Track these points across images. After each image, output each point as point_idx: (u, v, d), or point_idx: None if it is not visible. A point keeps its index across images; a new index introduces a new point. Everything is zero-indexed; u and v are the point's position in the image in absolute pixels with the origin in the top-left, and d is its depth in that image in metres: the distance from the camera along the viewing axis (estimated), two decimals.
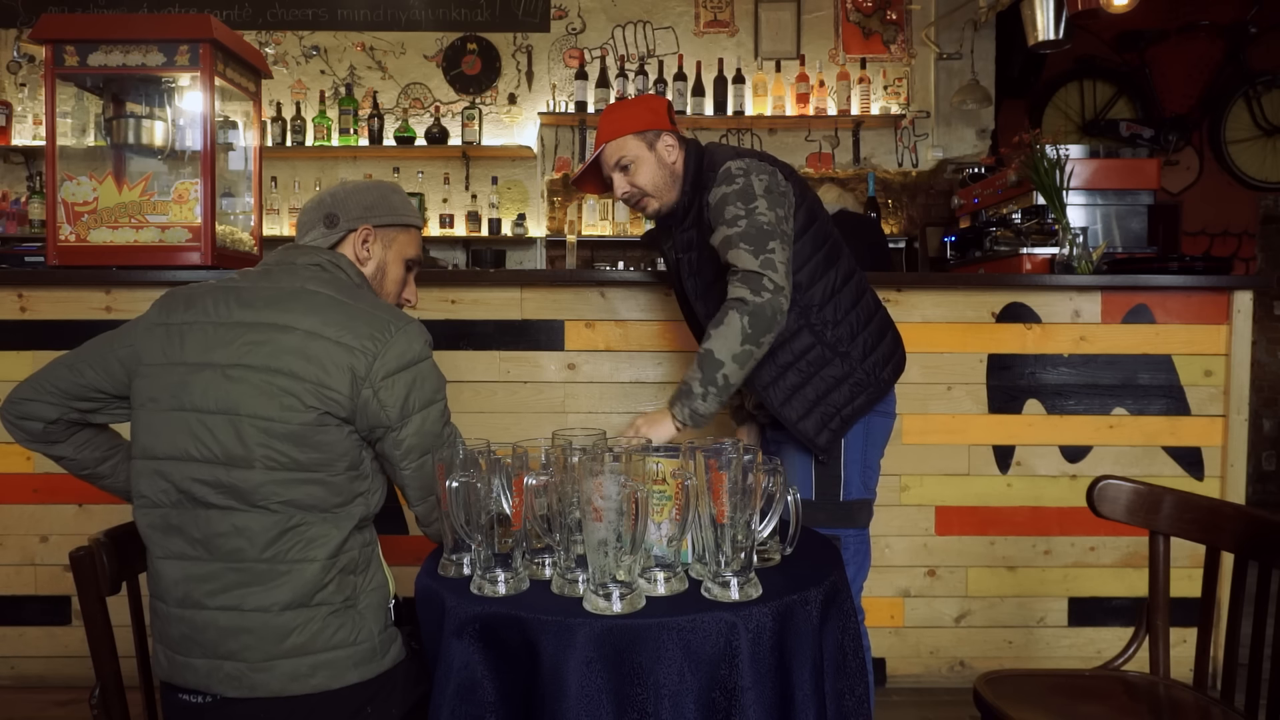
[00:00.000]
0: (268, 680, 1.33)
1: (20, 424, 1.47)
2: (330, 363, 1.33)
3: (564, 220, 5.15)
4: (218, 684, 1.34)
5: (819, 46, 5.18)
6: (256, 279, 1.45)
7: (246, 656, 1.32)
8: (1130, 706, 1.68)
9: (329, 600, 1.35)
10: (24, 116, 5.18)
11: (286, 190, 5.17)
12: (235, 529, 1.32)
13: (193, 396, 1.34)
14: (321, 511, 1.35)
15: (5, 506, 2.66)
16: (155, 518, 1.37)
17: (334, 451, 1.35)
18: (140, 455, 1.39)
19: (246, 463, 1.32)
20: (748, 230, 1.72)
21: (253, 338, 1.35)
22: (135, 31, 2.70)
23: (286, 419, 1.32)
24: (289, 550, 1.33)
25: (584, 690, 1.11)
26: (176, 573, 1.35)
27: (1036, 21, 3.88)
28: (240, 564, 1.33)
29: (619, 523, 1.16)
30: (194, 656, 1.35)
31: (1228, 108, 5.44)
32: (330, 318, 1.36)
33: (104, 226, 2.72)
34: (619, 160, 1.89)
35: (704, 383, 1.69)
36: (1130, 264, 3.06)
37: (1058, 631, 2.72)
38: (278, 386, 1.32)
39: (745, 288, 1.69)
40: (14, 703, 2.59)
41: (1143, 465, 2.68)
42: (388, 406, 1.36)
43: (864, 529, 1.92)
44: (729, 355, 1.68)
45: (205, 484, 1.33)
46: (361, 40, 5.20)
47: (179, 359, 1.37)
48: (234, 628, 1.32)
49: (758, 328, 1.68)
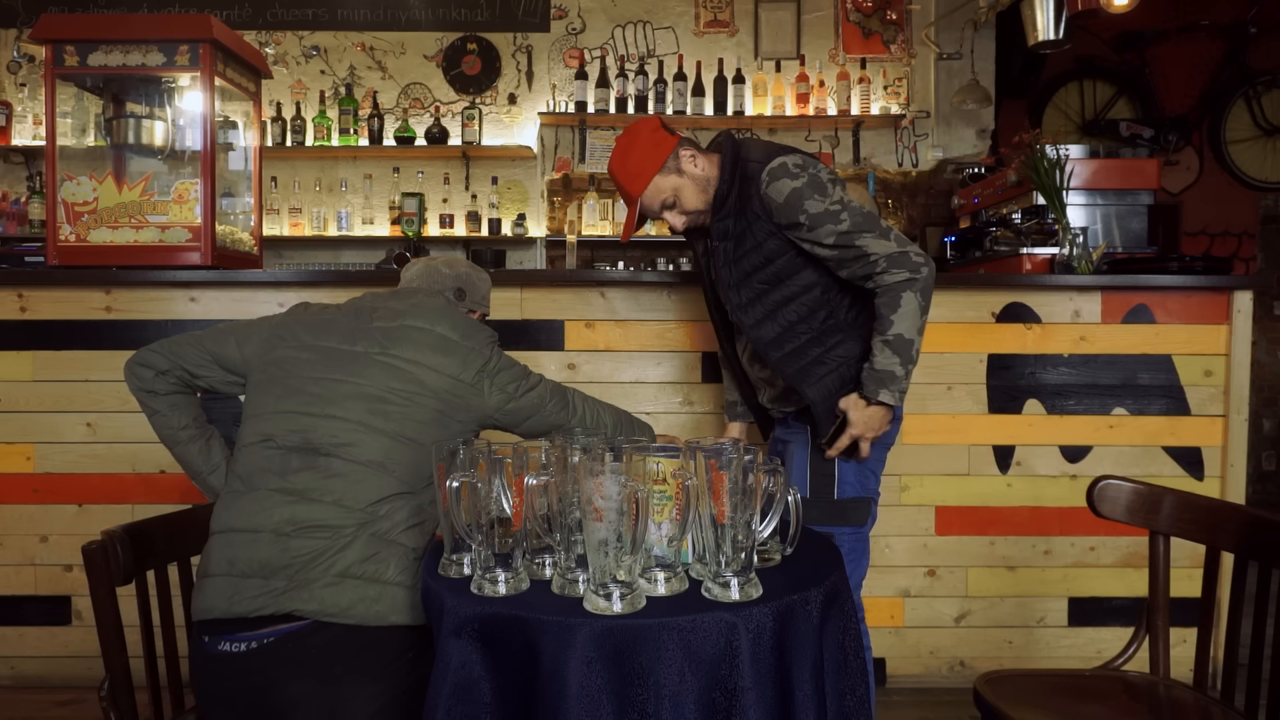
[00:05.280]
0: (337, 596, 1.40)
1: (135, 369, 1.66)
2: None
3: (564, 220, 5.15)
4: (288, 601, 1.40)
5: (819, 46, 5.18)
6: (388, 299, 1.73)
7: (326, 570, 1.42)
8: (1130, 706, 1.68)
9: (403, 542, 1.49)
10: (24, 116, 5.18)
11: (286, 190, 5.17)
12: (354, 480, 1.49)
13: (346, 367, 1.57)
14: (427, 478, 1.55)
15: (5, 506, 2.66)
16: (274, 457, 1.52)
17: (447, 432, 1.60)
18: (277, 398, 1.57)
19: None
20: (856, 220, 1.79)
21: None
22: (135, 31, 2.70)
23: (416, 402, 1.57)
24: (388, 505, 1.50)
25: (584, 690, 1.11)
26: (281, 507, 1.47)
27: (1036, 21, 3.88)
28: (348, 509, 1.47)
29: (619, 523, 1.16)
30: (274, 579, 1.42)
31: (1228, 108, 5.44)
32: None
33: (104, 226, 2.72)
34: (663, 203, 1.91)
35: (904, 363, 1.79)
36: (1130, 264, 3.06)
37: (1058, 631, 2.72)
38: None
39: (904, 269, 1.78)
40: (14, 703, 2.59)
41: (1143, 465, 2.68)
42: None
43: (859, 528, 1.91)
44: (915, 331, 1.79)
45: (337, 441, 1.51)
46: (361, 40, 5.20)
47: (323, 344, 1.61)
48: (326, 552, 1.43)
49: (928, 297, 1.80)
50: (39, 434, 2.64)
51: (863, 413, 1.82)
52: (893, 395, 1.79)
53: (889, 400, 1.79)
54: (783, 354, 1.87)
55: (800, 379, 1.87)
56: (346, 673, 1.40)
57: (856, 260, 1.80)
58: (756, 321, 1.89)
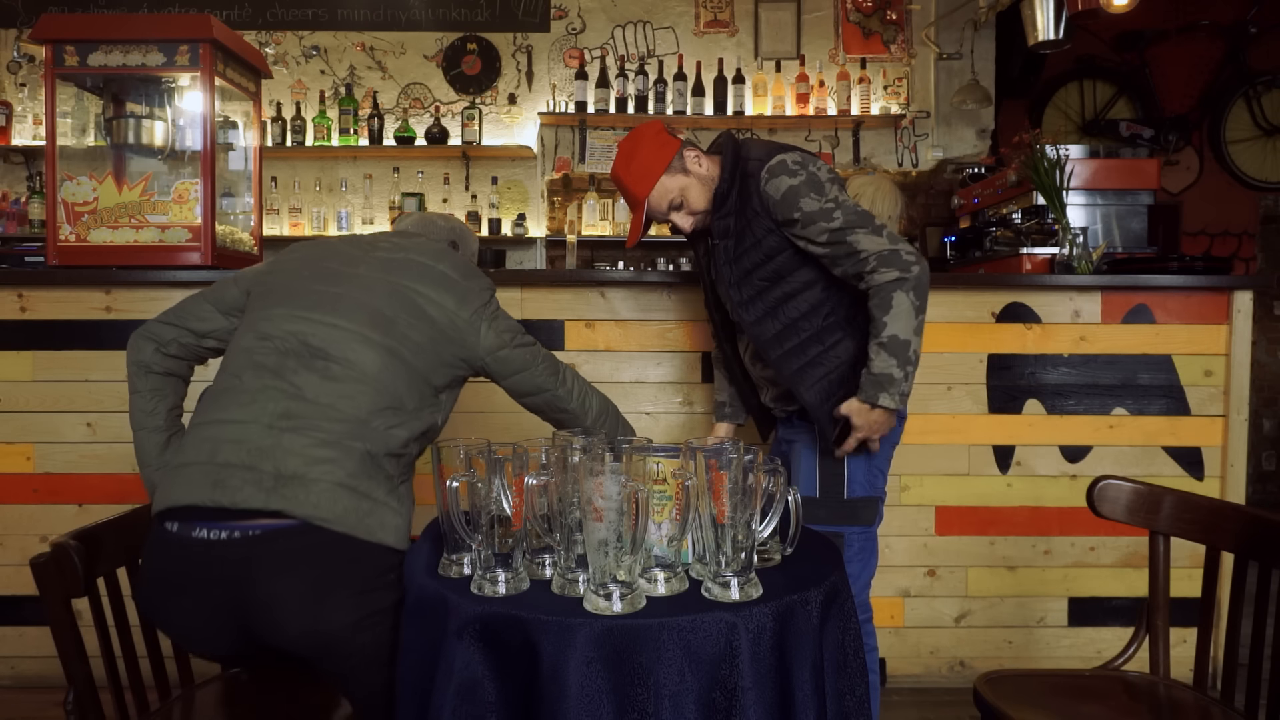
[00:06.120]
0: (332, 503, 1.39)
1: (139, 342, 1.65)
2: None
3: (564, 220, 5.15)
4: (278, 498, 1.38)
5: (819, 46, 5.18)
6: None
7: (321, 476, 1.40)
8: (1130, 706, 1.68)
9: (388, 470, 1.49)
10: (24, 116, 5.18)
11: (286, 190, 5.17)
12: (354, 388, 1.49)
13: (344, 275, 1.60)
14: (414, 403, 1.55)
15: (5, 506, 2.66)
16: (271, 355, 1.51)
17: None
18: (275, 303, 1.57)
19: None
20: (849, 218, 1.78)
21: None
22: (135, 31, 2.70)
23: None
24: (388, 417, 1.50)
25: (584, 690, 1.11)
26: (276, 400, 1.45)
27: (1036, 21, 3.88)
28: (343, 417, 1.46)
29: (619, 523, 1.16)
30: (263, 471, 1.39)
31: (1228, 108, 5.44)
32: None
33: (104, 226, 2.72)
34: (670, 203, 1.91)
35: (901, 364, 1.76)
36: (1130, 264, 3.06)
37: (1058, 631, 2.72)
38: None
39: (893, 268, 1.76)
40: (14, 703, 2.59)
41: (1143, 465, 2.68)
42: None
43: (869, 527, 1.92)
44: (911, 332, 1.76)
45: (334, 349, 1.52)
46: (361, 40, 5.20)
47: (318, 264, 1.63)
48: (320, 458, 1.41)
49: (922, 296, 1.77)
50: (39, 434, 2.64)
51: (866, 417, 1.81)
52: (892, 399, 1.78)
53: (889, 404, 1.78)
54: (782, 351, 1.87)
55: (798, 380, 1.86)
56: (333, 580, 1.39)
57: (848, 258, 1.79)
58: (757, 319, 1.89)
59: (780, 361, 1.87)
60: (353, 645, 1.41)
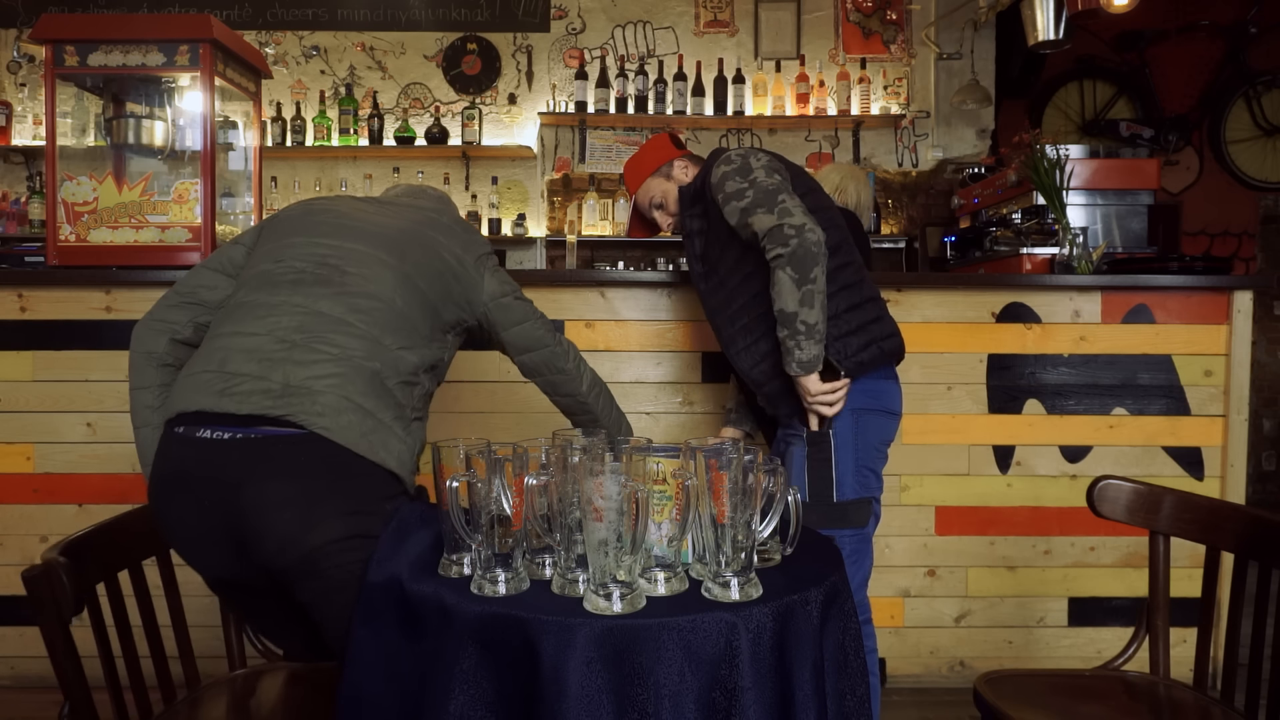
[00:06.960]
0: (338, 416, 1.38)
1: (143, 334, 1.59)
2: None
3: (564, 220, 5.16)
4: (284, 406, 1.37)
5: (819, 46, 5.18)
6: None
7: (329, 389, 1.39)
8: (1130, 706, 1.68)
9: (398, 396, 1.48)
10: (24, 116, 5.18)
11: (286, 190, 5.17)
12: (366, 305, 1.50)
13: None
14: (426, 330, 1.57)
15: (5, 506, 2.66)
16: (288, 275, 1.52)
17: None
18: (291, 233, 1.59)
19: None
20: (756, 197, 1.83)
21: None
22: (135, 31, 2.70)
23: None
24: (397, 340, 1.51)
25: (584, 690, 1.11)
26: (292, 315, 1.46)
27: (1036, 21, 3.88)
28: (360, 334, 1.47)
29: (619, 523, 1.15)
30: (271, 379, 1.39)
31: (1228, 108, 5.44)
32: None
33: (104, 226, 2.72)
34: (651, 201, 2.11)
35: (792, 335, 1.81)
36: (1130, 264, 3.06)
37: (1058, 631, 2.72)
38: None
39: (775, 245, 1.79)
40: (14, 703, 2.59)
41: (1143, 465, 2.68)
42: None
43: (861, 529, 1.91)
44: (795, 304, 1.79)
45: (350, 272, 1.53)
46: (361, 40, 5.20)
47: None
48: (330, 372, 1.41)
49: (802, 269, 1.77)
50: (39, 434, 2.65)
51: (800, 386, 1.86)
52: (792, 366, 1.83)
53: (792, 372, 1.83)
54: (734, 337, 1.95)
55: (750, 366, 1.93)
56: (326, 491, 1.37)
57: (754, 238, 1.84)
58: (715, 308, 1.99)
59: (738, 351, 1.95)
60: (333, 563, 1.37)
